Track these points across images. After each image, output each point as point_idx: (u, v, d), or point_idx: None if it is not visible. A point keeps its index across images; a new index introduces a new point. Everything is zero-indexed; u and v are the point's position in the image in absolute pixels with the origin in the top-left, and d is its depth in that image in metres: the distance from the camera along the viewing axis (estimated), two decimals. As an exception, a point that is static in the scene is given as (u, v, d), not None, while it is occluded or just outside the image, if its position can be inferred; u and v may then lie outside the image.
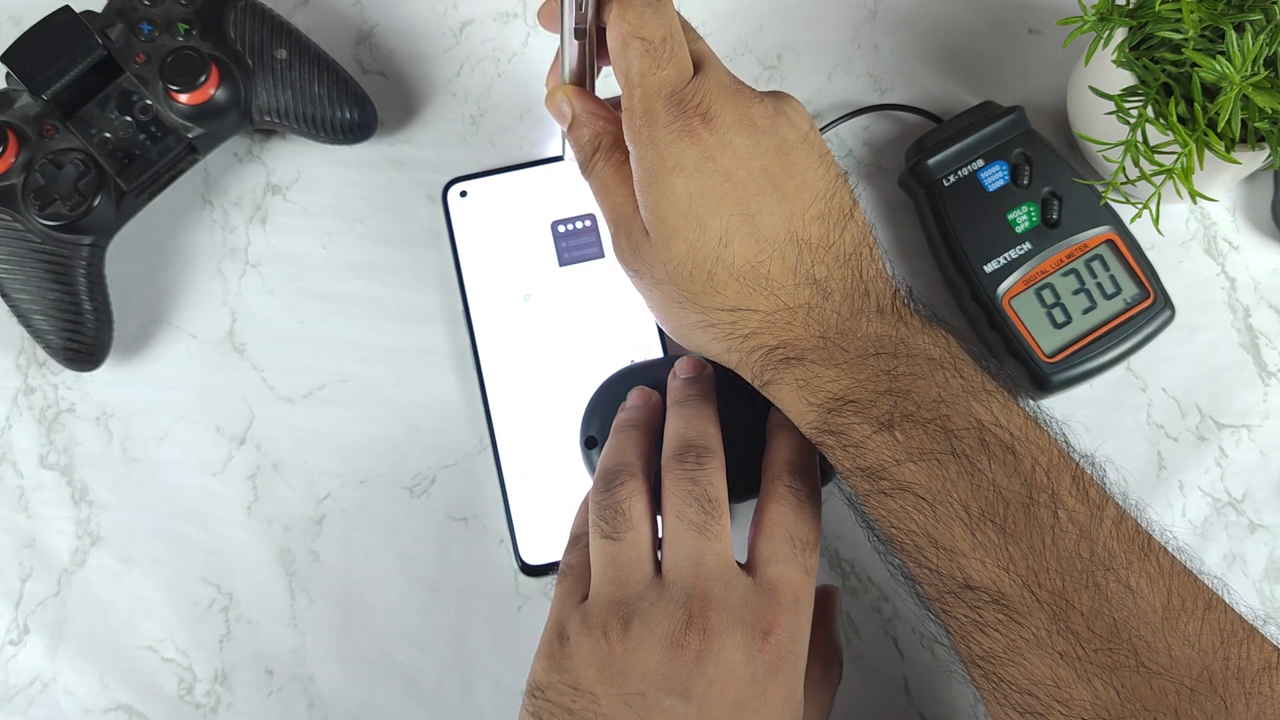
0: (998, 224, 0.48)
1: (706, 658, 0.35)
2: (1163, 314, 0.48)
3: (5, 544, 0.49)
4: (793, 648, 0.36)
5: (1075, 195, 0.48)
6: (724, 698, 0.35)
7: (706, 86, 0.39)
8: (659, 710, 0.35)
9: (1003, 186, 0.49)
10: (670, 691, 0.35)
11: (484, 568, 0.48)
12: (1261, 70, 0.40)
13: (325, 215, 0.52)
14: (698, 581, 0.36)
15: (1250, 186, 0.52)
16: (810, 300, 0.39)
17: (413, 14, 0.55)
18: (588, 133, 0.42)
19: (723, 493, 0.38)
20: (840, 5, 0.54)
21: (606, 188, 0.42)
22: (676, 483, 0.38)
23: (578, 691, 0.35)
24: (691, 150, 0.38)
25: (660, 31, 0.38)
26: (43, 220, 0.47)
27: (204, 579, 0.48)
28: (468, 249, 0.50)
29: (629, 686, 0.35)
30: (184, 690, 0.47)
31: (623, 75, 0.39)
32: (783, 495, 0.39)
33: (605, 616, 0.36)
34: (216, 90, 0.48)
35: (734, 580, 0.36)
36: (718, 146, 0.38)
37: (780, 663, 0.36)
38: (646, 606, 0.36)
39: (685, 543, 0.37)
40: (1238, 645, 0.34)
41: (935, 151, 0.49)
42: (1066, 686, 0.34)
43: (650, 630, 0.35)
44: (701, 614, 0.35)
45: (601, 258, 0.50)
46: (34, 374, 0.50)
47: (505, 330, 0.49)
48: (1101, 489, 0.36)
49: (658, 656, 0.35)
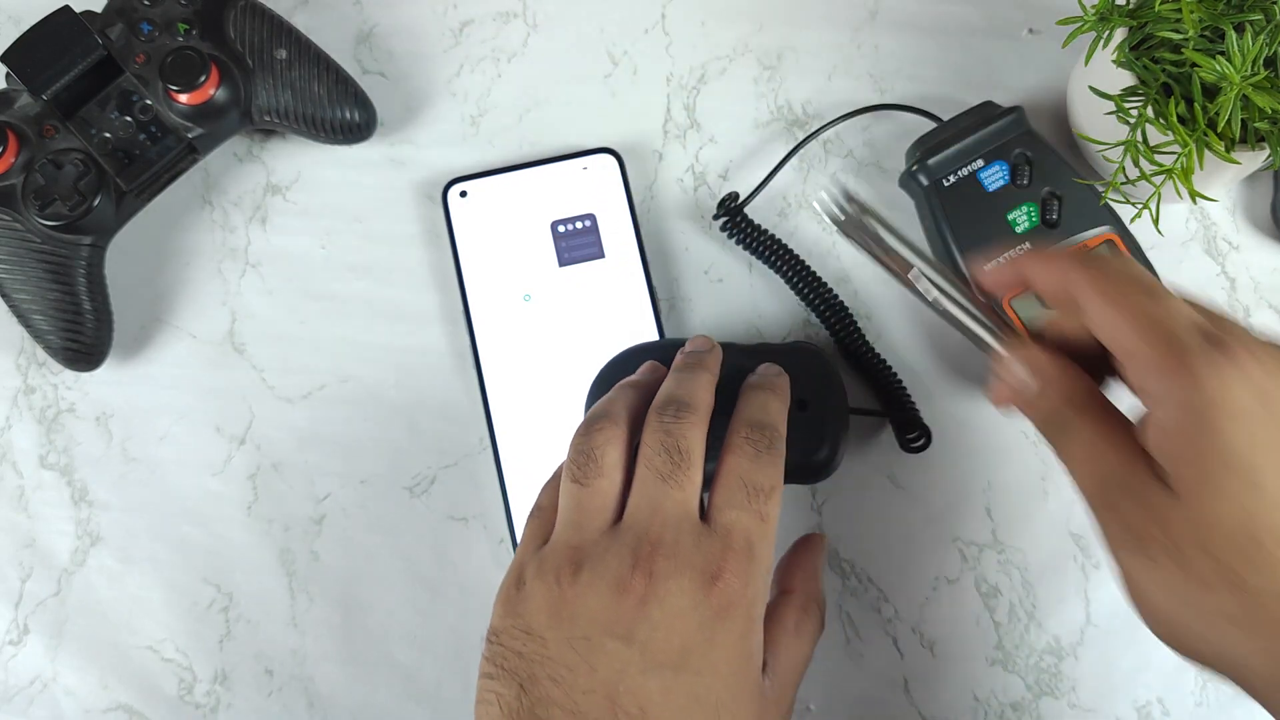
0: (998, 224, 0.48)
1: (651, 601, 0.34)
2: None
3: (5, 544, 0.49)
4: (744, 593, 0.35)
5: (1075, 195, 0.48)
6: (668, 642, 0.34)
7: (1234, 328, 0.33)
8: (602, 653, 0.34)
9: (1003, 187, 0.49)
10: (614, 635, 0.34)
11: (484, 568, 0.48)
12: (1261, 70, 0.40)
13: (325, 215, 0.52)
14: (651, 527, 0.36)
15: (1250, 186, 0.52)
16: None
17: (413, 14, 0.55)
18: (1059, 393, 0.36)
19: (696, 446, 0.37)
20: (840, 5, 0.54)
21: (1094, 449, 0.34)
22: (652, 434, 0.38)
23: (529, 635, 0.35)
24: (1244, 390, 0.31)
25: (1148, 280, 0.34)
26: (43, 220, 0.47)
27: (204, 579, 0.48)
28: (467, 249, 0.50)
29: (576, 630, 0.35)
30: (184, 690, 0.47)
31: (1121, 329, 0.33)
32: (740, 446, 0.38)
33: (559, 561, 0.36)
34: (216, 90, 0.48)
35: (686, 526, 0.36)
36: (1275, 391, 0.31)
37: (729, 609, 0.35)
38: (600, 552, 0.36)
39: (648, 490, 0.37)
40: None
41: (935, 152, 0.49)
42: None
43: (599, 575, 0.35)
44: (649, 558, 0.35)
45: (601, 258, 0.50)
46: (34, 374, 0.50)
47: (505, 330, 0.49)
48: None
49: (604, 600, 0.35)
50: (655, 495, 0.36)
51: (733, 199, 0.50)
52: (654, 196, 0.52)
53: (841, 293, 0.50)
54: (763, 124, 0.53)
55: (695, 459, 0.37)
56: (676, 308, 0.50)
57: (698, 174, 0.52)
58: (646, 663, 0.34)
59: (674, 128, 0.53)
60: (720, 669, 0.35)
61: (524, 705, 0.34)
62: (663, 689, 0.34)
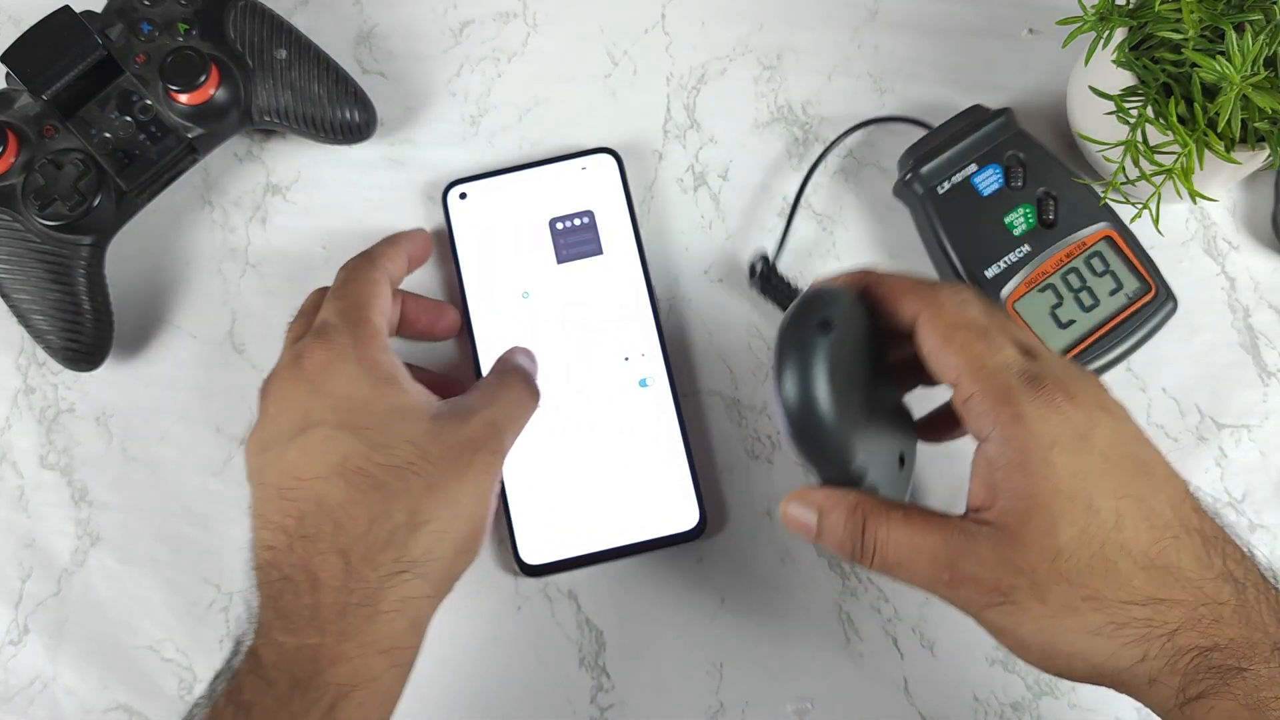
0: (995, 228, 0.48)
1: (262, 406, 0.41)
2: (1166, 306, 0.48)
3: (5, 544, 0.49)
4: (327, 351, 0.41)
5: (1070, 194, 0.48)
6: (289, 419, 0.40)
7: (1053, 367, 0.36)
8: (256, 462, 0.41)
9: (997, 190, 0.48)
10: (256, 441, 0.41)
11: (484, 568, 0.48)
12: (1261, 70, 0.40)
13: (325, 215, 0.52)
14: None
15: (1250, 187, 0.52)
16: (1234, 599, 0.33)
17: (413, 14, 0.55)
18: (845, 515, 0.36)
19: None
20: (840, 5, 0.54)
21: (908, 545, 0.35)
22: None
23: None
24: (1064, 426, 0.34)
25: (980, 320, 0.36)
26: (43, 220, 0.47)
27: (204, 579, 0.48)
28: (467, 250, 0.50)
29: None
30: (184, 690, 0.47)
31: (952, 369, 0.36)
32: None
33: None
34: (216, 90, 0.48)
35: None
36: (1087, 424, 0.34)
37: (320, 368, 0.40)
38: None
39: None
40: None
41: (928, 159, 0.48)
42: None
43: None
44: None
45: (599, 254, 0.50)
46: (34, 374, 0.50)
47: (504, 327, 0.49)
48: None
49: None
50: None
51: (763, 261, 0.49)
52: (654, 196, 0.52)
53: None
54: (763, 124, 0.53)
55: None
56: (676, 308, 0.50)
57: (698, 174, 0.52)
58: (269, 442, 0.40)
59: (674, 128, 0.53)
60: (340, 405, 0.39)
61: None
62: (301, 450, 0.38)
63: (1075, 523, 0.33)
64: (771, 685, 0.46)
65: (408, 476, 0.38)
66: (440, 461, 0.39)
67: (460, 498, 0.39)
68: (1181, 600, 0.33)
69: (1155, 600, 0.33)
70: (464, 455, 0.39)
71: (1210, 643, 0.33)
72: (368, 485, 0.38)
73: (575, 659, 0.47)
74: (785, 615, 0.47)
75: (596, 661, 0.47)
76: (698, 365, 0.50)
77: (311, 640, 0.36)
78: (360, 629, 0.37)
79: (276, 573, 0.37)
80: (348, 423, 0.39)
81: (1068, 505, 0.33)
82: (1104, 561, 0.33)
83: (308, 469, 0.38)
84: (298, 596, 0.37)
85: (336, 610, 0.36)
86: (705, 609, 0.47)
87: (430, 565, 0.38)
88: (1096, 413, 0.35)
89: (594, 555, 0.46)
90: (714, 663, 0.47)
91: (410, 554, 0.38)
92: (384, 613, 0.37)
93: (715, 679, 0.47)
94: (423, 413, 0.40)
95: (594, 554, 0.46)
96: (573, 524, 0.46)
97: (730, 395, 0.49)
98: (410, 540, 0.38)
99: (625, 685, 0.47)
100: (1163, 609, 0.33)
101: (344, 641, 0.36)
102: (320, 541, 0.37)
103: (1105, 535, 0.33)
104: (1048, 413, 0.34)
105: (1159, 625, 0.33)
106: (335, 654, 0.36)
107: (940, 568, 0.35)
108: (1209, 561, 0.34)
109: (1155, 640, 0.33)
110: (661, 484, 0.47)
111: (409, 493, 0.38)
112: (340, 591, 0.37)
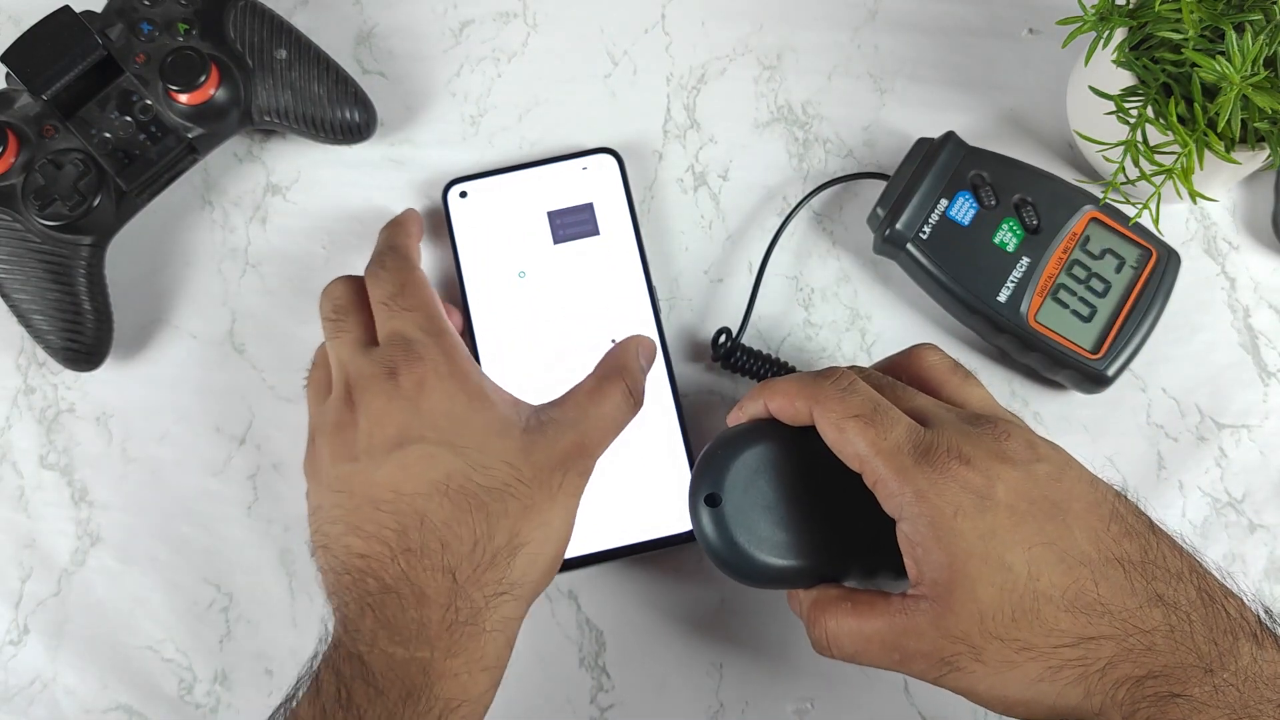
0: (988, 252, 0.47)
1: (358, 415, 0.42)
2: (1172, 262, 0.47)
3: (5, 544, 0.49)
4: (423, 367, 0.41)
5: (1043, 193, 0.48)
6: (383, 432, 0.41)
7: (945, 433, 0.37)
8: (352, 474, 0.41)
9: (975, 215, 0.47)
10: (344, 459, 0.42)
11: (484, 568, 0.48)
12: (1261, 70, 0.40)
13: (325, 215, 0.52)
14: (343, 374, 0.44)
15: (1250, 187, 0.52)
16: (1164, 622, 0.34)
17: (413, 14, 0.55)
18: (805, 615, 0.40)
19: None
20: (840, 5, 0.54)
21: (858, 630, 0.38)
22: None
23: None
24: (962, 492, 0.36)
25: (866, 405, 0.38)
26: (43, 220, 0.47)
27: (204, 579, 0.48)
28: (467, 250, 0.50)
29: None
30: (184, 690, 0.47)
31: (855, 457, 0.37)
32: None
33: None
34: (216, 90, 0.48)
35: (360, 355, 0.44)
36: (985, 483, 0.36)
37: (421, 382, 0.41)
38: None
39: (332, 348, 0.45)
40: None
41: (899, 211, 0.47)
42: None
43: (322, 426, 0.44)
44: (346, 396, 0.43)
45: (596, 235, 0.50)
46: (34, 374, 0.50)
47: (500, 309, 0.49)
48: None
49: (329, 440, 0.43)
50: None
51: (726, 336, 0.48)
52: (654, 196, 0.52)
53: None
54: (763, 124, 0.53)
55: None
56: (676, 308, 0.50)
57: (698, 174, 0.52)
58: (360, 453, 0.40)
59: (674, 128, 0.53)
60: (439, 422, 0.40)
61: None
62: (399, 466, 0.39)
63: (993, 582, 0.35)
64: (771, 685, 0.46)
65: (506, 499, 0.39)
66: (534, 483, 0.40)
67: (552, 520, 0.40)
68: (1110, 635, 0.34)
69: (1085, 639, 0.34)
70: (555, 477, 0.40)
71: (1145, 671, 0.34)
72: (470, 506, 0.39)
73: (575, 659, 0.47)
74: (785, 615, 0.47)
75: (596, 661, 0.47)
76: (698, 365, 0.50)
77: (421, 654, 0.37)
78: (466, 646, 0.38)
79: (376, 582, 0.38)
80: (448, 441, 0.40)
81: (982, 567, 0.35)
82: (1027, 613, 0.35)
83: (407, 484, 0.39)
84: (404, 609, 0.37)
85: (444, 626, 0.37)
86: (705, 609, 0.47)
87: (525, 587, 0.40)
88: (995, 466, 0.36)
89: (594, 555, 0.46)
90: (714, 663, 0.47)
91: (511, 576, 0.39)
92: (487, 632, 0.38)
93: (715, 679, 0.47)
94: (514, 428, 0.41)
95: (594, 554, 0.46)
96: (573, 524, 0.46)
97: (731, 395, 0.49)
98: (511, 563, 0.39)
99: (625, 685, 0.47)
100: (1093, 646, 0.34)
101: (451, 657, 0.37)
102: (427, 558, 0.38)
103: (1023, 587, 0.35)
104: (945, 483, 0.36)
105: (1092, 662, 0.34)
106: (444, 669, 0.37)
107: (889, 650, 0.37)
108: (1132, 589, 0.35)
109: (1091, 677, 0.34)
110: (661, 484, 0.47)
111: (508, 515, 0.39)
112: (448, 609, 0.37)
